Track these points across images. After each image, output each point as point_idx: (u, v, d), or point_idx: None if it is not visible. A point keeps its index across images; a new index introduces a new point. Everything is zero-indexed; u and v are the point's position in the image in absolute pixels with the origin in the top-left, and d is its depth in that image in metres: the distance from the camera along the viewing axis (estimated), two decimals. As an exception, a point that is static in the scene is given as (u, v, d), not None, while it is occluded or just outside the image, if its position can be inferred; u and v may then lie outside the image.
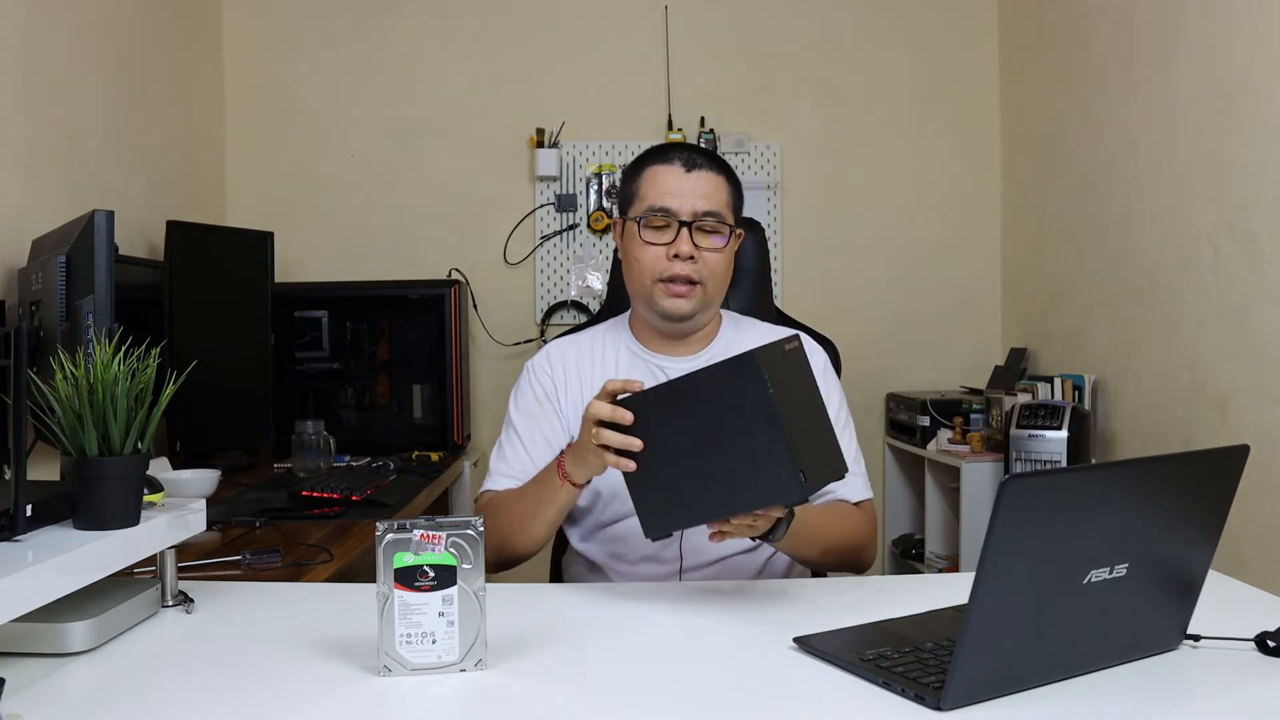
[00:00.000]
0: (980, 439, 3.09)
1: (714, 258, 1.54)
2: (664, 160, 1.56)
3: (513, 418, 1.62)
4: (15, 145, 2.14)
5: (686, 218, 1.53)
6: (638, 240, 1.55)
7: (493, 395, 3.41)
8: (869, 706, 0.97)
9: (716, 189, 1.55)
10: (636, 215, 1.56)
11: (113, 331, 1.30)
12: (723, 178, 1.57)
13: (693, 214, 1.53)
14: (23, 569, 1.01)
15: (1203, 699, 1.01)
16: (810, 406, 1.22)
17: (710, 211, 1.54)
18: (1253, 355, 2.34)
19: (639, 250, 1.55)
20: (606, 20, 3.51)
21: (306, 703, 0.99)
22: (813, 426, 1.21)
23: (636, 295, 1.61)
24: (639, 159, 1.62)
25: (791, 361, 1.21)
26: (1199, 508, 1.06)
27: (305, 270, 3.38)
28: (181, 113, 3.04)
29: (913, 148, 3.58)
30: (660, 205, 1.53)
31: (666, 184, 1.54)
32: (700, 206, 1.53)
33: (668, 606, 1.29)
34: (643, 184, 1.57)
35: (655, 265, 1.54)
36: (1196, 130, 2.53)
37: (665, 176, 1.55)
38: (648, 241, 1.54)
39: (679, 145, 1.61)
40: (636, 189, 1.58)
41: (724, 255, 1.56)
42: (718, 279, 1.57)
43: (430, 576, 1.03)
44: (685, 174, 1.54)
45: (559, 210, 3.48)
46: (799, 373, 1.22)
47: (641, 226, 1.54)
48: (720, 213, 1.54)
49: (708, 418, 1.18)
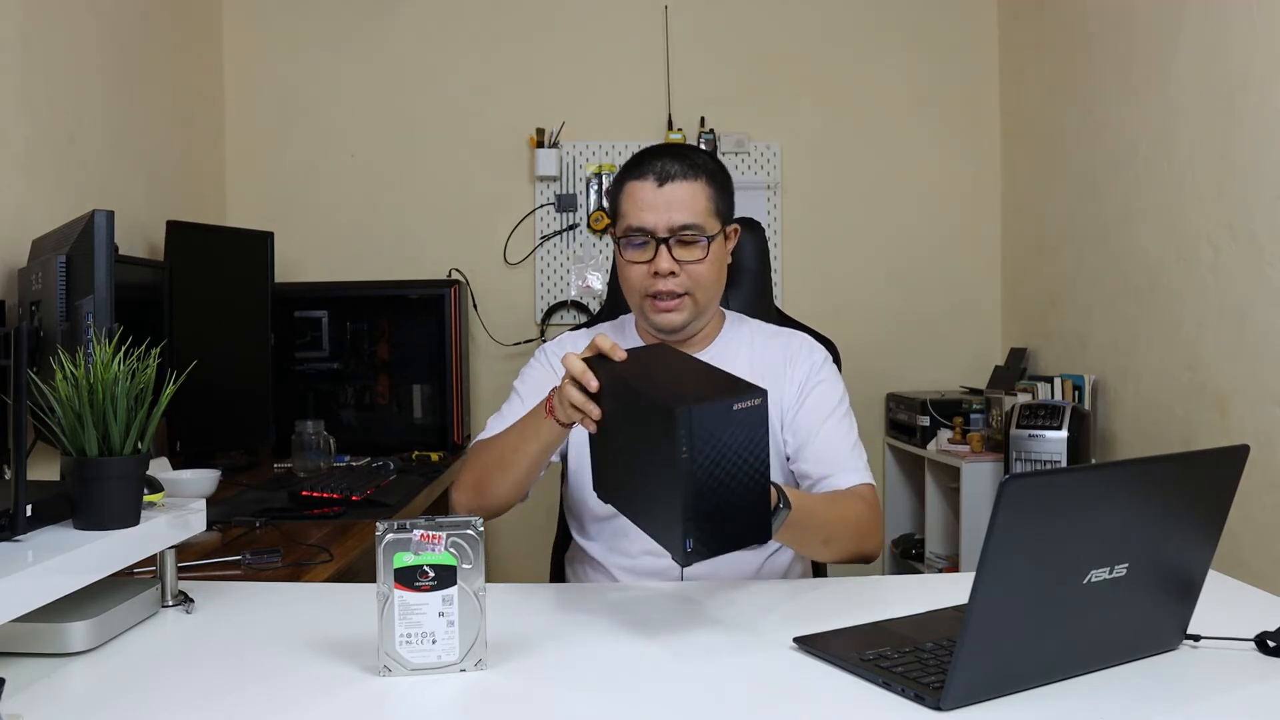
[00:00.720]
0: (980, 439, 3.09)
1: (697, 268, 1.54)
2: (638, 175, 1.56)
3: (517, 387, 1.65)
4: (15, 145, 2.14)
5: (663, 234, 1.52)
6: (623, 258, 1.57)
7: (493, 395, 3.41)
8: (869, 706, 0.97)
9: (693, 198, 1.54)
10: (618, 234, 1.58)
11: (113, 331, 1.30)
12: (700, 183, 1.55)
13: (669, 229, 1.52)
14: (23, 569, 1.01)
15: (1203, 699, 1.00)
16: (748, 469, 1.13)
17: (686, 224, 1.53)
18: (1253, 355, 2.34)
19: (626, 269, 1.58)
20: (606, 20, 3.51)
21: (306, 703, 0.99)
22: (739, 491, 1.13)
23: (631, 307, 1.63)
24: (621, 171, 1.61)
25: (741, 421, 1.12)
26: (1199, 508, 1.06)
27: (305, 270, 3.38)
28: (181, 113, 3.04)
29: (913, 148, 3.58)
30: (637, 224, 1.54)
31: (641, 200, 1.54)
32: (676, 220, 1.52)
33: (668, 606, 1.29)
34: (623, 201, 1.57)
35: (641, 283, 1.56)
36: (1196, 130, 2.53)
37: (640, 193, 1.54)
38: (631, 260, 1.56)
39: (655, 153, 1.58)
40: (618, 205, 1.59)
41: (708, 263, 1.55)
42: (706, 286, 1.57)
43: (430, 576, 1.03)
44: (658, 189, 1.53)
45: (559, 210, 3.48)
46: (747, 431, 1.13)
47: (623, 246, 1.56)
48: (697, 223, 1.53)
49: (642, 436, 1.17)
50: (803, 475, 1.57)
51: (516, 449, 1.46)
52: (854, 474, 1.55)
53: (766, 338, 1.68)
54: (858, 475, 1.55)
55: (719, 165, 1.62)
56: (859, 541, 1.48)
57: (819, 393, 1.60)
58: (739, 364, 1.61)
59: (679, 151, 1.58)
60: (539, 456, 1.46)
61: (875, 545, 1.53)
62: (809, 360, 1.63)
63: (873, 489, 1.56)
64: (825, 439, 1.57)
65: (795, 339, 1.68)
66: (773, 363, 1.63)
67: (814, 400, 1.59)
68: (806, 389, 1.60)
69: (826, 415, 1.59)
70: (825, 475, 1.54)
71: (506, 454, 1.47)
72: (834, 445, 1.57)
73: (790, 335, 1.69)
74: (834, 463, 1.55)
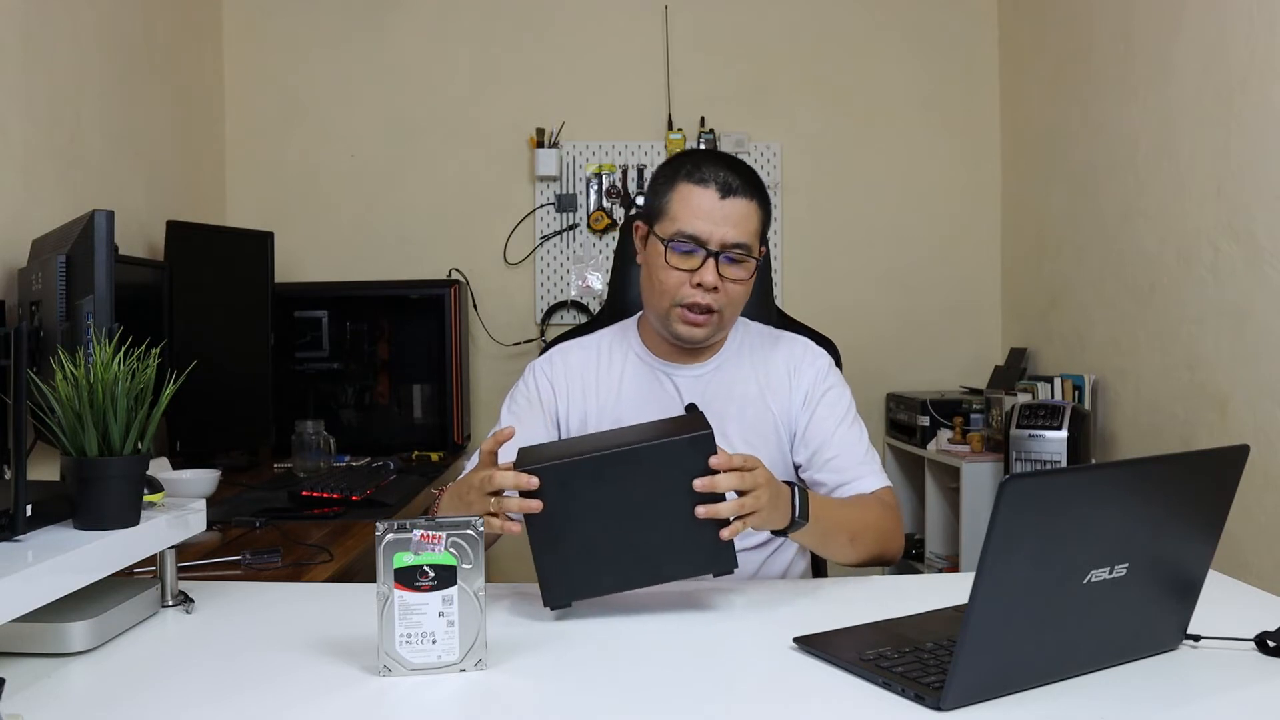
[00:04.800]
0: (980, 439, 3.09)
1: (736, 289, 1.52)
2: (699, 181, 1.50)
3: (503, 416, 1.62)
4: (15, 145, 2.14)
5: (715, 248, 1.48)
6: (662, 260, 1.51)
7: (493, 395, 3.41)
8: (869, 706, 0.97)
9: (748, 218, 1.50)
10: (665, 235, 1.51)
11: (113, 331, 1.30)
12: (755, 203, 1.51)
13: (721, 244, 1.49)
14: (23, 569, 1.01)
15: (1203, 699, 1.00)
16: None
17: (739, 243, 1.49)
18: (1253, 355, 2.34)
19: (662, 272, 1.51)
20: (606, 20, 3.51)
21: (306, 703, 0.99)
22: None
23: (652, 309, 1.58)
24: (674, 167, 1.54)
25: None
26: (1199, 508, 1.06)
27: (305, 270, 3.38)
28: (181, 113, 3.04)
29: (913, 148, 3.58)
30: (690, 232, 1.48)
31: (699, 208, 1.49)
32: (730, 237, 1.49)
33: (667, 606, 1.29)
34: (674, 201, 1.51)
35: (677, 290, 1.51)
36: (1196, 130, 2.53)
37: (699, 200, 1.49)
38: (673, 266, 1.50)
39: (717, 162, 1.52)
40: (667, 205, 1.52)
41: (747, 285, 1.53)
42: (736, 306, 1.55)
43: (430, 576, 1.03)
44: (720, 200, 1.48)
45: (559, 210, 3.48)
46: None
47: (668, 249, 1.50)
48: (749, 244, 1.50)
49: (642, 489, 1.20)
50: (819, 484, 1.56)
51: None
52: (871, 479, 1.55)
53: (770, 345, 1.65)
54: (875, 480, 1.55)
55: (765, 187, 1.58)
56: (882, 543, 1.49)
57: (828, 401, 1.60)
58: (744, 372, 1.61)
59: (740, 166, 1.53)
60: None
61: (898, 547, 1.54)
62: (813, 368, 1.62)
63: (892, 492, 1.57)
64: (838, 447, 1.57)
65: (798, 345, 1.66)
66: (777, 371, 1.62)
67: (824, 410, 1.59)
68: (814, 398, 1.60)
69: (837, 423, 1.58)
70: (843, 483, 1.55)
71: None
72: (848, 452, 1.57)
73: (793, 341, 1.67)
74: (850, 470, 1.55)
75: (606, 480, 1.19)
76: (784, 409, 1.60)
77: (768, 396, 1.60)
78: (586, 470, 1.19)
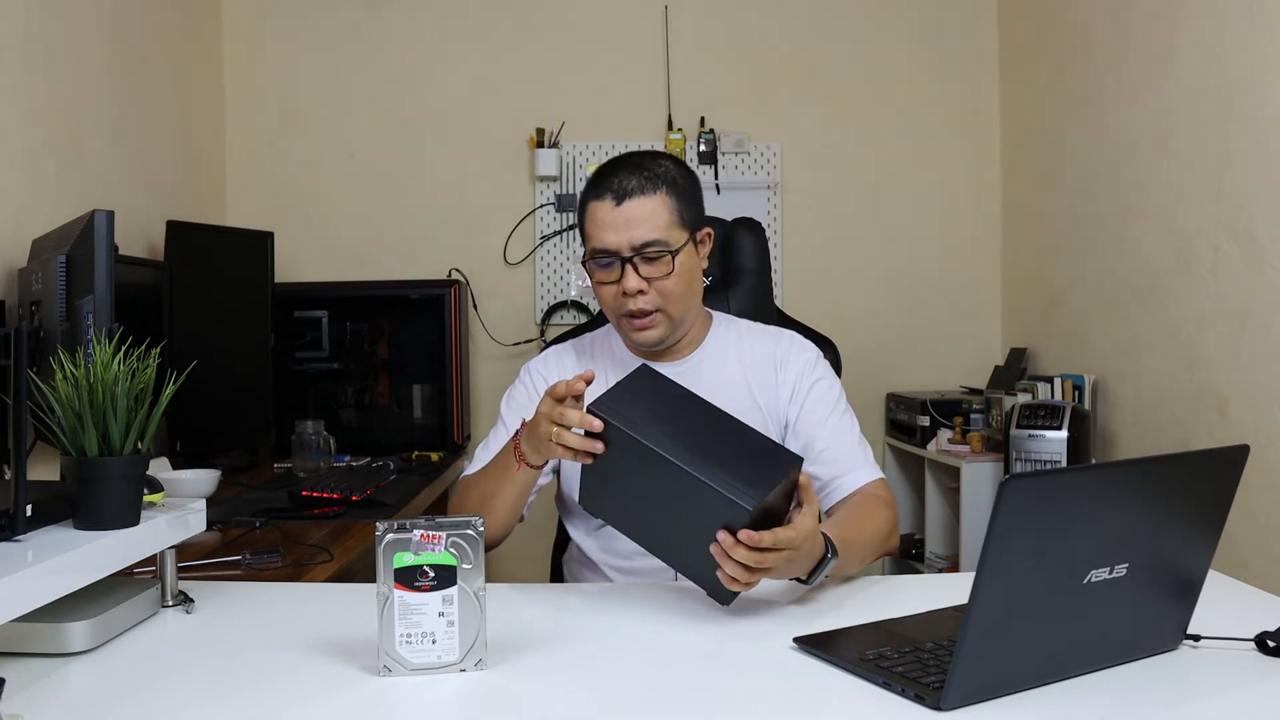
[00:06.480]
0: (980, 439, 3.09)
1: (665, 284, 1.52)
2: (597, 195, 1.52)
3: (503, 413, 1.63)
4: (15, 145, 2.14)
5: (627, 254, 1.50)
6: (595, 280, 1.55)
7: (493, 395, 3.38)
8: (869, 706, 0.97)
9: (653, 213, 1.50)
10: (587, 256, 1.55)
11: (113, 331, 1.30)
12: (659, 195, 1.51)
13: (631, 248, 1.50)
14: (23, 569, 1.01)
15: (1203, 699, 1.00)
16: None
17: (648, 241, 1.50)
18: (1253, 355, 2.34)
19: (598, 289, 1.56)
20: (606, 20, 3.51)
21: (306, 703, 0.99)
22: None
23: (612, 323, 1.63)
24: (582, 191, 1.58)
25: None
26: (1199, 508, 1.06)
27: (305, 270, 3.38)
28: (181, 113, 3.04)
29: (913, 148, 3.58)
30: (600, 246, 1.51)
31: (601, 221, 1.51)
32: (638, 238, 1.49)
33: (667, 606, 1.29)
34: (586, 222, 1.55)
35: (612, 303, 1.54)
36: (1196, 130, 2.53)
37: (600, 213, 1.51)
38: (600, 282, 1.54)
39: (613, 169, 1.54)
40: (584, 227, 1.56)
41: (675, 277, 1.52)
42: (678, 299, 1.54)
43: (430, 576, 1.03)
44: (616, 208, 1.50)
45: (559, 210, 3.48)
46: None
47: (593, 268, 1.54)
48: (660, 239, 1.50)
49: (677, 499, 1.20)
50: (812, 478, 1.57)
51: (494, 494, 1.45)
52: (864, 471, 1.55)
53: (755, 339, 1.66)
54: (868, 472, 1.56)
55: (683, 170, 1.57)
56: (885, 545, 1.50)
57: (816, 393, 1.60)
58: (728, 369, 1.62)
59: (636, 164, 1.54)
60: (518, 499, 1.46)
61: (896, 542, 1.55)
62: (800, 360, 1.62)
63: (884, 483, 1.57)
64: (830, 439, 1.57)
65: (784, 338, 1.66)
66: (762, 365, 1.62)
67: (812, 402, 1.59)
68: (801, 390, 1.60)
69: (827, 415, 1.58)
70: (835, 476, 1.55)
71: (486, 499, 1.46)
72: (839, 444, 1.57)
73: (779, 335, 1.67)
74: (842, 462, 1.56)
75: (654, 475, 1.20)
76: (771, 403, 1.60)
77: (754, 391, 1.60)
78: (641, 452, 1.21)
